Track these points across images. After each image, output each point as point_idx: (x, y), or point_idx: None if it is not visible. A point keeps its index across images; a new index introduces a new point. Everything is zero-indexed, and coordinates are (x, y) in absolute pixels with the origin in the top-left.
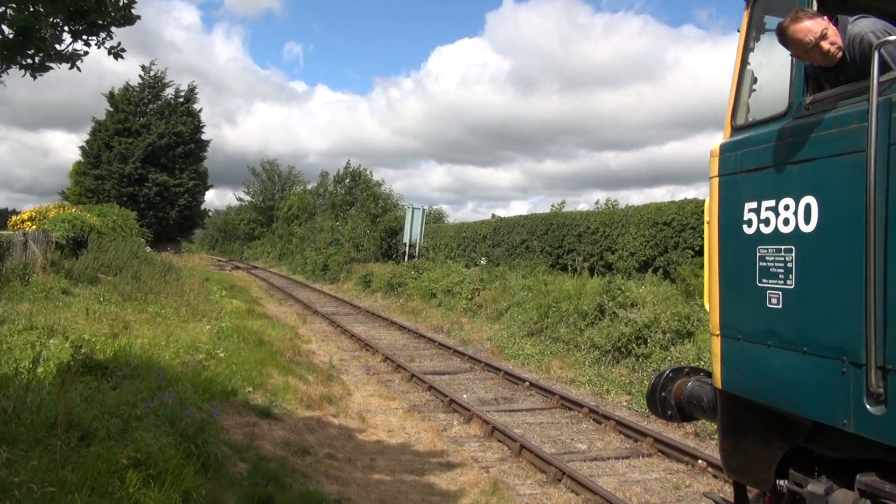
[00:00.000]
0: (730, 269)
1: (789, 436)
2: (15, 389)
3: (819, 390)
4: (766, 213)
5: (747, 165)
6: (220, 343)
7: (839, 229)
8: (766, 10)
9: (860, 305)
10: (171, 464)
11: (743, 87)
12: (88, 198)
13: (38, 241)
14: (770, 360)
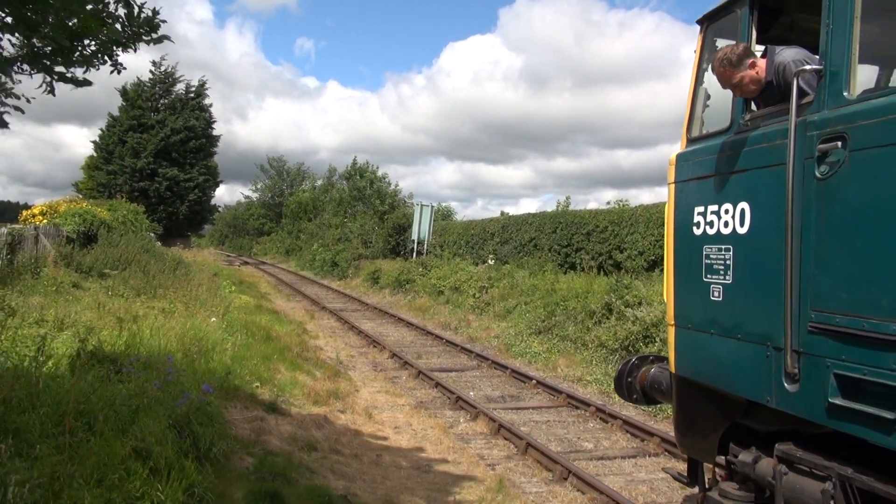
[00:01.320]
0: (682, 267)
1: (728, 413)
2: (25, 380)
3: (749, 372)
4: (710, 216)
5: (697, 174)
6: (229, 338)
7: (765, 232)
8: (718, 34)
9: (780, 298)
10: (171, 455)
11: (697, 102)
12: (100, 192)
13: (49, 235)
14: (712, 346)
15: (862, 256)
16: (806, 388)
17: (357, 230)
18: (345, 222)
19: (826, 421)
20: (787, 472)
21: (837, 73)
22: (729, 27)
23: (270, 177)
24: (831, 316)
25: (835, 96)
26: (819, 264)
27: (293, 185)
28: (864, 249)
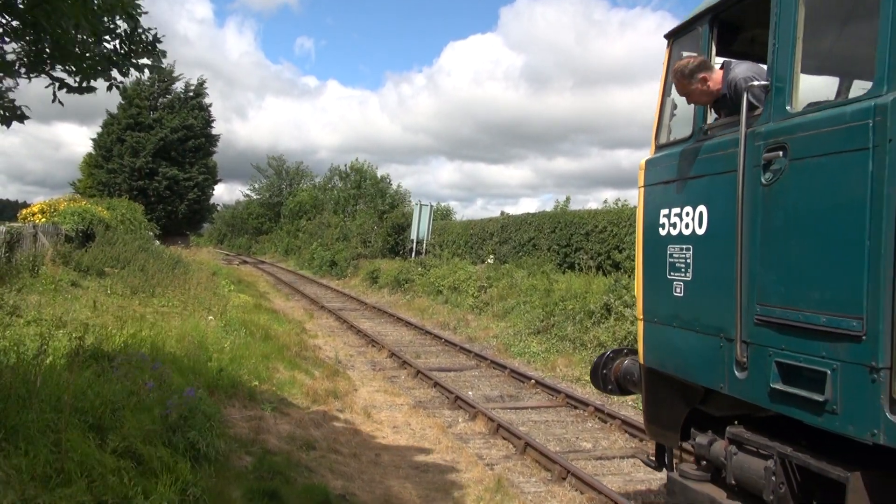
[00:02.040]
0: (649, 265)
1: (689, 400)
2: (23, 377)
3: (706, 361)
4: (674, 218)
5: (663, 178)
6: (227, 337)
7: (720, 233)
8: (683, 48)
9: (732, 293)
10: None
11: (665, 112)
12: (100, 191)
13: (47, 233)
14: (674, 338)
15: (796, 255)
16: (753, 375)
17: (356, 229)
18: (344, 222)
19: (769, 404)
20: (736, 453)
21: (782, 88)
22: (692, 42)
23: (269, 176)
24: (773, 309)
25: (779, 109)
26: (763, 263)
27: (292, 184)
28: (798, 249)
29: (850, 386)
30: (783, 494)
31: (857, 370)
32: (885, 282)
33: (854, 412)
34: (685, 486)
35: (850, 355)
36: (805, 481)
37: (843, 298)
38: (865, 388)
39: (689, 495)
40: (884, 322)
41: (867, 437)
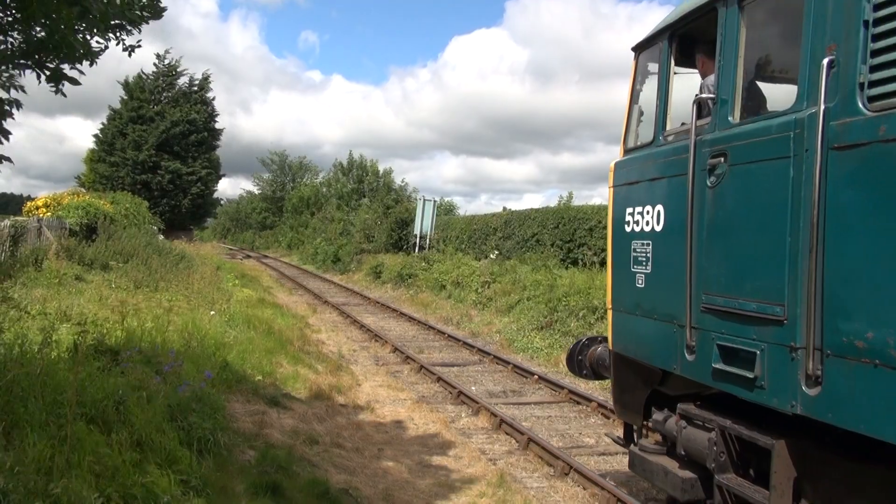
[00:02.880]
0: (617, 259)
1: (649, 382)
2: (28, 369)
3: (662, 346)
4: (637, 216)
5: (629, 179)
6: (231, 331)
7: (674, 230)
8: (647, 59)
9: (683, 284)
10: (171, 447)
11: (632, 118)
12: (103, 184)
13: (52, 227)
14: (637, 326)
15: (733, 250)
16: (699, 356)
17: (359, 224)
18: (347, 216)
19: (712, 382)
20: (685, 427)
21: (726, 101)
22: (654, 55)
23: (272, 170)
24: (715, 298)
25: (723, 120)
26: (708, 256)
27: (295, 178)
28: (734, 245)
29: (775, 364)
30: (723, 462)
31: (780, 350)
32: (803, 273)
33: (778, 387)
34: (643, 458)
35: (775, 337)
36: (742, 450)
37: (769, 287)
38: (787, 365)
39: (646, 466)
40: (801, 308)
41: (788, 409)
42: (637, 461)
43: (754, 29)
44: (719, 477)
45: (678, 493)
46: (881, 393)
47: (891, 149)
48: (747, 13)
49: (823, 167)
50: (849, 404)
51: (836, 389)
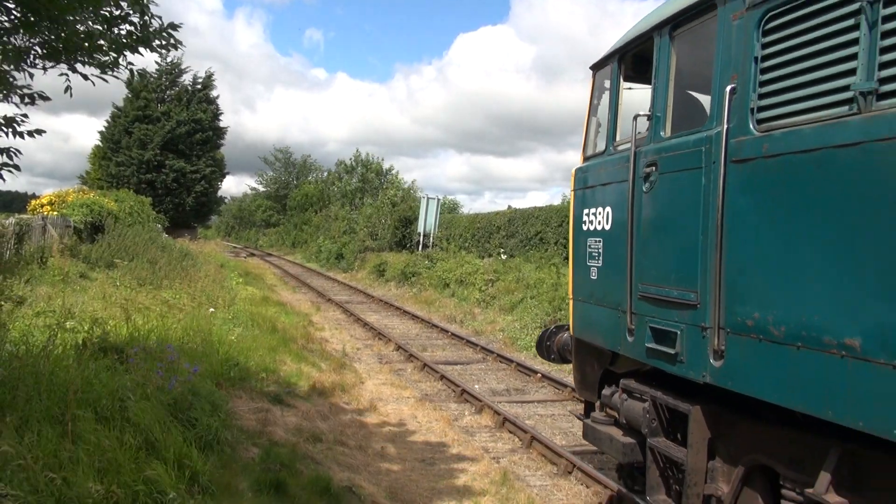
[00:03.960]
0: (577, 254)
1: (601, 362)
2: (32, 368)
3: (610, 330)
4: (591, 216)
5: (586, 184)
6: (234, 329)
7: (619, 229)
8: (602, 77)
9: (625, 275)
10: (175, 444)
11: (590, 129)
12: (108, 183)
13: (56, 225)
14: (591, 313)
15: (661, 246)
16: (637, 338)
17: (363, 222)
18: (350, 214)
19: (646, 360)
20: (626, 399)
21: (660, 118)
22: (607, 73)
23: (276, 169)
24: (648, 287)
25: (656, 134)
26: (643, 252)
27: (299, 176)
28: (662, 241)
29: (690, 341)
30: (655, 427)
31: (694, 330)
32: (710, 264)
33: (693, 361)
34: (594, 428)
35: (690, 319)
36: (670, 417)
37: (686, 277)
38: (699, 342)
39: (596, 435)
40: (709, 294)
41: (700, 379)
42: (589, 431)
43: (682, 56)
44: (651, 440)
45: (620, 457)
46: (764, 362)
47: (770, 163)
48: (677, 42)
49: (725, 177)
50: (743, 373)
51: (734, 361)
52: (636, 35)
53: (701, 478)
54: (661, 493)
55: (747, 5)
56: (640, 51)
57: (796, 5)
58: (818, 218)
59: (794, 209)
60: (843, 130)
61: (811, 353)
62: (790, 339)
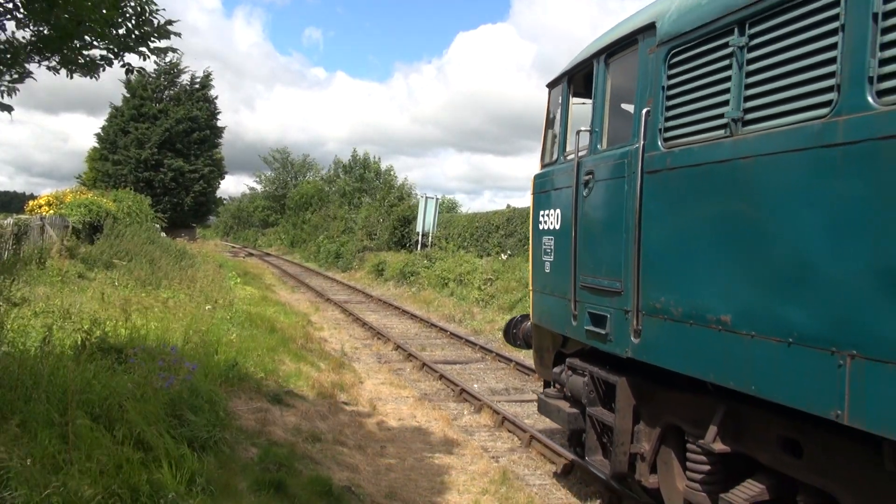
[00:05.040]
0: (535, 251)
1: (555, 345)
2: (30, 368)
3: (559, 316)
4: (546, 217)
5: (542, 189)
6: (233, 329)
7: (565, 228)
8: (556, 95)
9: (570, 269)
10: (171, 444)
11: (546, 141)
12: (106, 182)
13: (54, 225)
14: (546, 302)
15: (596, 243)
16: (579, 322)
17: (361, 222)
18: (349, 214)
19: (586, 340)
20: (571, 375)
21: (597, 133)
22: (560, 92)
23: (274, 168)
24: (587, 277)
25: (595, 147)
26: (583, 248)
27: (297, 176)
28: (596, 239)
29: (617, 323)
30: (592, 398)
31: (620, 313)
32: (630, 258)
33: (618, 339)
34: (546, 401)
35: (616, 304)
36: (605, 389)
37: (613, 269)
38: (623, 323)
39: (548, 408)
40: (630, 282)
41: (624, 354)
42: (542, 405)
43: (615, 80)
44: (589, 409)
45: (566, 425)
46: (668, 338)
47: (672, 174)
48: (611, 68)
49: (641, 186)
50: (654, 348)
51: (648, 338)
52: (581, 60)
53: (627, 438)
54: (598, 454)
55: (657, 42)
56: (584, 73)
57: (690, 46)
58: (703, 221)
59: (687, 213)
60: (720, 150)
61: (699, 329)
62: (685, 317)
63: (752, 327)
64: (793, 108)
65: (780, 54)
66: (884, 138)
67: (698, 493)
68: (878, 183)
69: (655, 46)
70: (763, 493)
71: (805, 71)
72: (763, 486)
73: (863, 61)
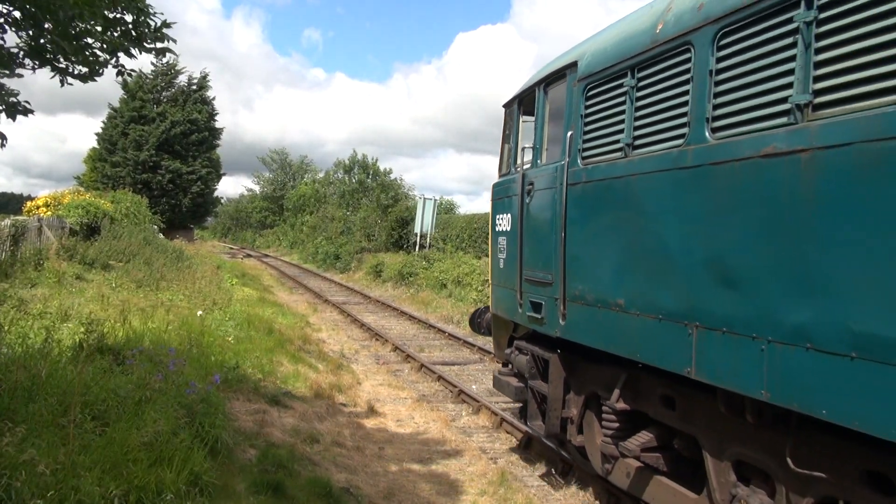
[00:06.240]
0: (493, 249)
1: (508, 330)
2: (30, 370)
3: (510, 305)
4: (500, 220)
5: (499, 196)
6: (231, 330)
7: (514, 230)
8: (510, 115)
9: (517, 264)
10: (180, 445)
11: (503, 155)
12: (104, 184)
13: (52, 226)
14: (501, 293)
15: (535, 243)
16: (524, 309)
17: (360, 223)
18: (347, 215)
19: (528, 325)
20: (518, 354)
21: (538, 150)
22: (512, 112)
23: (273, 170)
24: (528, 271)
25: (535, 162)
26: (527, 246)
27: (295, 177)
28: (535, 239)
29: (549, 309)
30: (533, 373)
31: (551, 300)
32: (558, 255)
33: (550, 322)
34: (499, 378)
35: (549, 293)
36: (543, 364)
37: (546, 264)
38: (554, 309)
39: (500, 384)
40: (557, 275)
41: (554, 335)
42: (496, 381)
43: (552, 106)
44: (531, 382)
45: (514, 397)
46: (583, 320)
47: (587, 187)
48: (549, 96)
49: (566, 196)
50: (575, 328)
51: (570, 320)
52: (528, 86)
53: (559, 405)
54: (538, 420)
55: (578, 78)
56: (531, 97)
57: (599, 83)
58: (606, 225)
59: (596, 219)
60: (617, 168)
61: (604, 311)
62: (595, 302)
63: (637, 308)
64: (663, 137)
65: (655, 95)
66: (714, 163)
67: (609, 446)
68: (711, 197)
69: (577, 81)
70: (651, 440)
71: (671, 110)
72: (651, 435)
73: (703, 106)
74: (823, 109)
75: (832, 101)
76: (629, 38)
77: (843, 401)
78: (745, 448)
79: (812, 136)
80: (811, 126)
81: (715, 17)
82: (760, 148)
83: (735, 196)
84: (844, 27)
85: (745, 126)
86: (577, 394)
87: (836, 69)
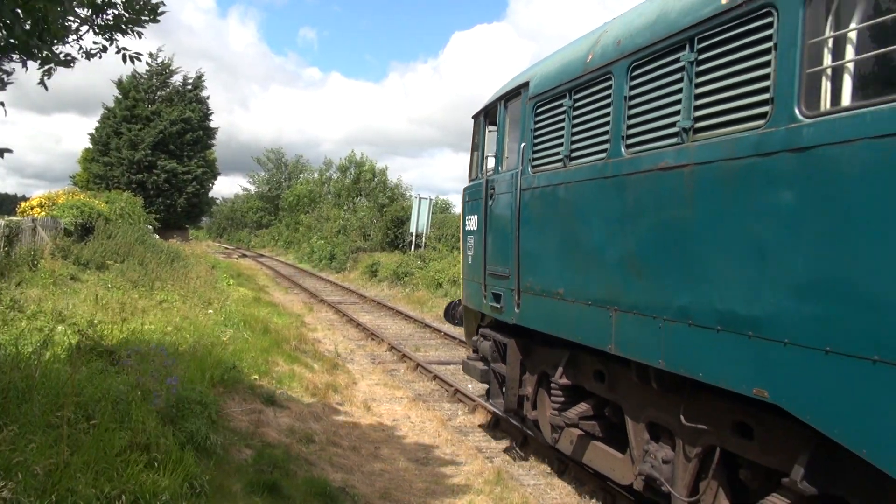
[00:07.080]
0: (463, 247)
1: (476, 320)
2: (24, 370)
3: (477, 297)
4: (468, 221)
5: (468, 199)
6: (226, 330)
7: (479, 229)
8: (477, 126)
9: (481, 260)
10: (170, 446)
11: (472, 162)
12: (98, 184)
13: (46, 227)
14: (469, 287)
15: (495, 240)
16: (487, 300)
17: (356, 223)
18: (342, 215)
19: (490, 314)
20: (482, 341)
21: (500, 159)
22: (480, 123)
23: (268, 169)
24: (490, 266)
25: (497, 169)
26: (490, 244)
27: (291, 177)
28: (496, 237)
29: (507, 299)
30: (495, 356)
31: (509, 292)
32: (514, 251)
33: (508, 311)
34: (467, 363)
35: (507, 285)
36: (503, 349)
37: (505, 259)
38: (511, 299)
39: (469, 368)
40: (513, 269)
41: (511, 321)
42: (464, 365)
43: (511, 120)
44: (493, 365)
45: (479, 379)
46: (534, 308)
47: (535, 192)
48: (508, 110)
49: (519, 199)
50: (527, 315)
51: (524, 309)
52: (492, 101)
53: (516, 384)
54: (499, 398)
55: (529, 96)
56: (494, 110)
57: (544, 102)
58: (550, 225)
59: (542, 220)
60: (558, 176)
61: (548, 300)
62: (541, 292)
63: (573, 296)
64: (592, 151)
65: (586, 115)
66: (627, 174)
67: (556, 417)
68: (624, 202)
69: (529, 99)
70: (588, 410)
71: (598, 128)
72: (588, 406)
73: (620, 125)
74: (701, 133)
75: (706, 127)
76: (568, 64)
77: (713, 364)
78: (655, 411)
79: (692, 154)
80: (691, 146)
81: (628, 52)
82: (658, 162)
83: (641, 202)
84: (713, 68)
85: (648, 144)
86: (531, 374)
87: (707, 101)
